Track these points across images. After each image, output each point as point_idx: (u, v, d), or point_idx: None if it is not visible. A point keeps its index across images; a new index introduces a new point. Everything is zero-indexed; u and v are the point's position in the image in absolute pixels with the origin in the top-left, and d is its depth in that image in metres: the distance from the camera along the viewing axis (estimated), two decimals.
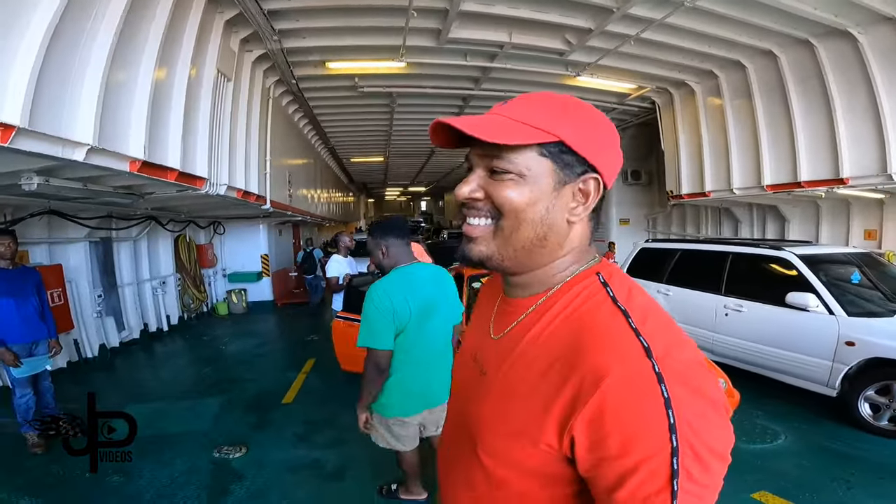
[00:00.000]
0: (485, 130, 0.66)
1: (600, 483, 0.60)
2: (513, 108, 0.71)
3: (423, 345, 2.21)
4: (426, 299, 2.21)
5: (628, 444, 0.57)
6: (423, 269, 2.32)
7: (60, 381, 4.83)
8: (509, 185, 0.69)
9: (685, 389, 0.58)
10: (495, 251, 0.74)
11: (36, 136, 2.39)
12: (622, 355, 0.60)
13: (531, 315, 0.76)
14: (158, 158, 3.63)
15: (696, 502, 0.56)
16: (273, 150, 6.64)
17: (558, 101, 0.72)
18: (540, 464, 0.67)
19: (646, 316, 0.65)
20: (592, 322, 0.67)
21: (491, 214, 0.72)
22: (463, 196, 0.74)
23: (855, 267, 4.24)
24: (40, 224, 4.88)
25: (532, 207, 0.70)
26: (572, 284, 0.74)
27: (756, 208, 8.04)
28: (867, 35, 4.91)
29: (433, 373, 2.24)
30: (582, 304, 0.71)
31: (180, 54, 3.83)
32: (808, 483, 2.87)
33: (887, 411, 3.43)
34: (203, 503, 2.76)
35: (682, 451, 0.55)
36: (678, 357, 0.61)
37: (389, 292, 2.13)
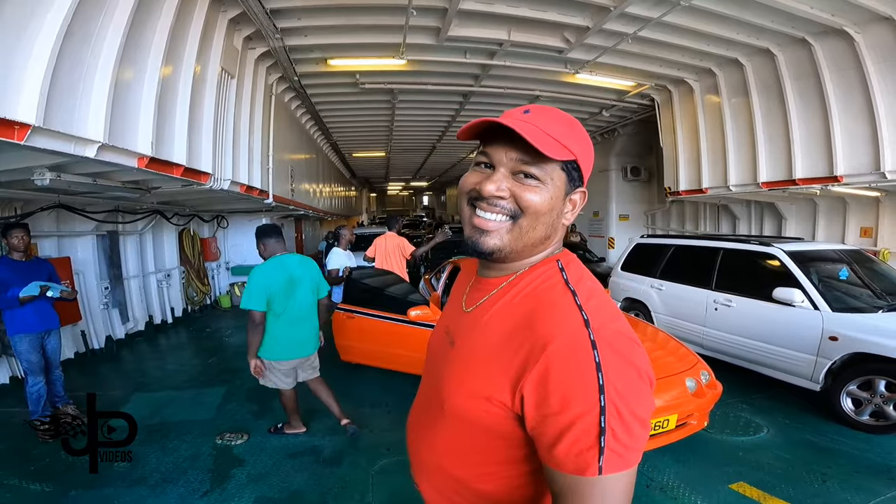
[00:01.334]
0: (538, 141, 0.74)
1: (543, 440, 0.69)
2: (540, 120, 0.78)
3: (290, 310, 3.13)
4: (291, 278, 3.14)
5: (566, 402, 0.66)
6: (292, 257, 3.27)
7: (68, 371, 4.98)
8: (535, 190, 0.79)
9: (614, 356, 0.68)
10: (507, 244, 0.82)
11: (50, 134, 2.49)
12: (566, 325, 0.71)
13: (499, 292, 0.86)
14: (165, 154, 3.74)
15: (619, 461, 0.64)
16: (275, 145, 6.74)
17: (568, 120, 0.82)
18: (495, 422, 0.76)
19: (590, 296, 0.77)
20: (546, 298, 0.78)
21: (511, 213, 0.80)
22: (490, 193, 0.79)
23: (844, 264, 4.30)
24: (49, 218, 4.99)
25: (549, 212, 0.81)
26: (536, 267, 0.85)
27: (754, 206, 8.09)
28: (864, 34, 4.95)
29: (299, 329, 3.20)
30: (541, 283, 0.82)
31: (185, 52, 3.92)
32: (786, 475, 2.95)
33: (868, 406, 3.48)
34: (206, 487, 2.86)
35: (609, 411, 0.64)
36: (611, 328, 0.71)
37: (265, 272, 3.06)
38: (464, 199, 0.85)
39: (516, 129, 0.74)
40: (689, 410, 3.01)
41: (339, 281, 5.00)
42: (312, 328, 3.31)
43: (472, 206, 0.83)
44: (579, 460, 0.65)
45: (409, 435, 1.04)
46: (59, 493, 2.78)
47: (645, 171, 10.87)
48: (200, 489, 2.84)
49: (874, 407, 3.47)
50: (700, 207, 9.33)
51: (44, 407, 3.48)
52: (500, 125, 0.77)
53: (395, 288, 4.82)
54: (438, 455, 0.89)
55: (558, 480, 0.68)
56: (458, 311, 0.95)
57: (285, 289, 3.10)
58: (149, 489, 2.81)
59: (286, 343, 3.16)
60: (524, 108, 0.81)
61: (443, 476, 0.89)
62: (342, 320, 4.62)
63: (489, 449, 0.80)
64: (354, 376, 4.76)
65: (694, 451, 3.22)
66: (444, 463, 0.88)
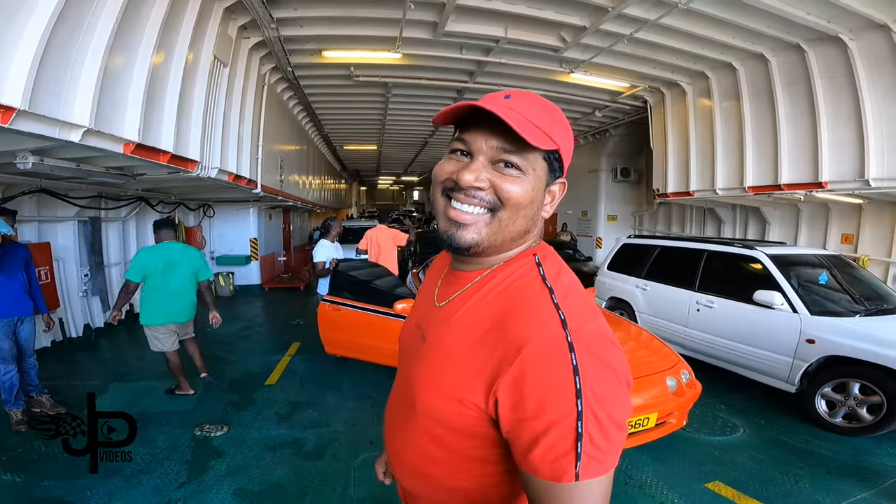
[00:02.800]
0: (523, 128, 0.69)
1: (518, 444, 0.66)
2: (521, 106, 0.73)
3: (166, 285, 3.81)
4: (170, 261, 3.82)
5: (541, 406, 0.63)
6: (175, 245, 3.98)
7: (44, 359, 4.86)
8: (516, 181, 0.74)
9: (592, 358, 0.64)
10: (486, 238, 0.76)
11: (35, 118, 2.44)
12: (542, 326, 0.67)
13: (473, 287, 0.81)
14: (152, 141, 3.68)
15: (596, 466, 0.62)
16: (266, 135, 6.67)
17: (550, 107, 0.77)
18: (468, 424, 0.73)
19: (567, 293, 0.73)
20: (522, 297, 0.74)
21: (490, 205, 0.75)
22: (468, 183, 0.73)
23: (824, 269, 4.39)
24: (30, 202, 4.89)
25: (530, 204, 0.76)
26: (512, 262, 0.80)
27: (739, 210, 8.22)
28: (858, 41, 5.00)
29: (173, 302, 3.87)
30: (517, 279, 0.77)
31: (178, 40, 3.85)
32: (760, 475, 3.01)
33: (842, 408, 3.57)
34: (183, 478, 2.82)
35: (586, 416, 0.61)
36: (589, 328, 0.68)
37: (147, 253, 3.83)
38: (438, 189, 0.79)
39: (501, 115, 0.69)
40: (669, 409, 3.06)
41: (325, 273, 4.97)
42: (185, 302, 3.98)
43: (448, 198, 0.77)
44: (555, 466, 0.62)
45: (385, 429, 1.01)
46: (31, 484, 2.73)
47: (634, 172, 10.97)
48: (177, 480, 2.81)
49: (847, 409, 3.55)
50: (687, 210, 9.45)
51: (16, 396, 3.36)
52: (481, 110, 0.71)
53: (382, 281, 4.82)
54: (413, 452, 0.86)
55: (534, 485, 0.66)
56: (430, 304, 0.90)
57: (163, 268, 3.79)
58: (123, 480, 2.76)
59: (163, 312, 3.85)
60: (505, 93, 0.76)
61: (419, 472, 0.87)
62: (328, 313, 4.60)
63: (462, 448, 0.77)
64: (339, 370, 4.75)
65: (672, 449, 3.28)
66: (418, 460, 0.85)
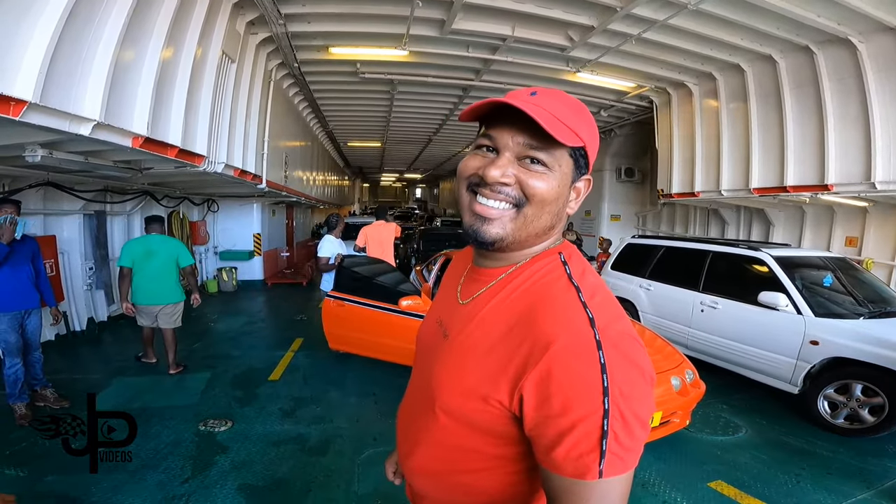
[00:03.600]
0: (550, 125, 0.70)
1: (541, 441, 0.67)
2: (549, 103, 0.73)
3: (146, 270, 4.33)
4: (149, 250, 4.35)
5: (568, 403, 0.63)
6: (156, 237, 4.48)
7: (48, 353, 4.87)
8: (542, 177, 0.74)
9: (619, 357, 0.65)
10: (510, 234, 0.77)
11: (45, 111, 2.44)
12: (570, 324, 0.67)
13: (498, 283, 0.81)
14: (160, 135, 3.69)
15: (620, 464, 0.62)
16: (271, 131, 6.68)
17: (577, 104, 0.77)
18: (490, 421, 0.73)
19: (594, 292, 0.73)
20: (548, 294, 0.74)
21: (515, 201, 0.75)
22: (494, 179, 0.74)
23: (829, 271, 4.39)
24: (36, 195, 4.91)
25: (555, 200, 0.77)
26: (537, 259, 0.80)
27: (743, 211, 8.20)
28: (867, 44, 4.97)
29: (154, 285, 4.37)
30: (542, 277, 0.78)
31: (187, 35, 3.86)
32: (762, 475, 3.03)
33: (844, 410, 3.58)
34: (187, 473, 2.83)
35: (612, 414, 0.61)
36: (616, 328, 0.68)
37: (131, 243, 4.47)
38: (463, 184, 0.79)
39: (528, 111, 0.69)
40: (673, 408, 3.07)
41: (330, 268, 4.97)
42: (162, 286, 4.43)
43: (473, 193, 0.78)
44: (579, 463, 0.62)
45: (398, 428, 1.00)
46: (35, 479, 2.72)
47: (639, 172, 10.93)
48: (181, 476, 2.81)
49: (849, 410, 3.56)
50: (691, 211, 9.43)
51: (21, 389, 3.37)
52: (507, 106, 0.72)
53: (387, 277, 4.83)
54: (429, 451, 0.86)
55: (555, 482, 0.66)
56: (453, 302, 0.90)
57: (143, 256, 4.33)
58: (128, 475, 2.75)
59: (142, 293, 4.37)
60: (531, 90, 0.76)
61: (434, 472, 0.86)
62: (333, 308, 4.61)
63: (482, 447, 0.77)
64: (343, 366, 4.78)
65: (675, 448, 3.30)
66: (434, 459, 0.85)
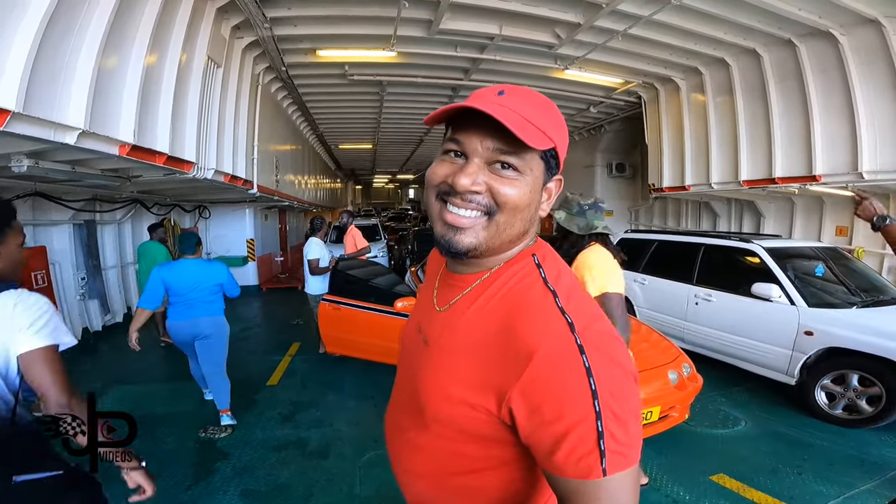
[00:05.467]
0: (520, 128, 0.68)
1: (540, 448, 0.66)
2: (515, 103, 0.71)
3: None
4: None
5: (559, 410, 0.63)
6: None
7: None
8: (513, 183, 0.72)
9: (602, 358, 0.65)
10: (483, 242, 0.75)
11: (29, 121, 2.42)
12: (550, 332, 0.67)
13: (474, 290, 0.80)
14: (147, 143, 3.65)
15: (622, 460, 0.63)
16: (261, 135, 6.65)
17: (546, 104, 0.75)
18: (479, 427, 0.73)
19: (570, 295, 0.73)
20: (525, 301, 0.73)
21: (487, 209, 0.73)
22: (465, 188, 0.71)
23: (820, 261, 4.42)
24: (25, 206, 4.84)
25: (528, 206, 0.75)
26: (511, 264, 0.79)
27: (734, 203, 8.26)
28: (848, 36, 5.04)
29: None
30: (518, 282, 0.77)
31: (171, 41, 3.83)
32: (764, 467, 3.04)
33: (842, 400, 3.60)
34: (190, 480, 2.83)
35: (605, 414, 0.62)
36: (595, 329, 0.68)
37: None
38: (432, 192, 0.77)
39: (497, 116, 0.67)
40: (672, 403, 3.08)
41: (321, 271, 4.86)
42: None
43: (443, 201, 0.75)
44: (581, 465, 0.63)
45: (387, 434, 0.98)
46: None
47: (630, 167, 11.00)
48: (184, 483, 2.81)
49: (847, 401, 3.58)
50: (682, 204, 9.49)
51: None
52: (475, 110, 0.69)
53: (382, 279, 4.81)
54: (423, 456, 0.84)
55: (562, 485, 0.66)
56: (430, 308, 0.89)
57: None
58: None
59: None
60: (498, 89, 0.73)
61: (430, 477, 0.85)
62: (329, 312, 4.59)
63: (476, 451, 0.77)
64: (340, 369, 4.75)
65: (675, 443, 3.31)
66: (429, 464, 0.84)
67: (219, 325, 3.64)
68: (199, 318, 3.49)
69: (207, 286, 3.51)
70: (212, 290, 3.54)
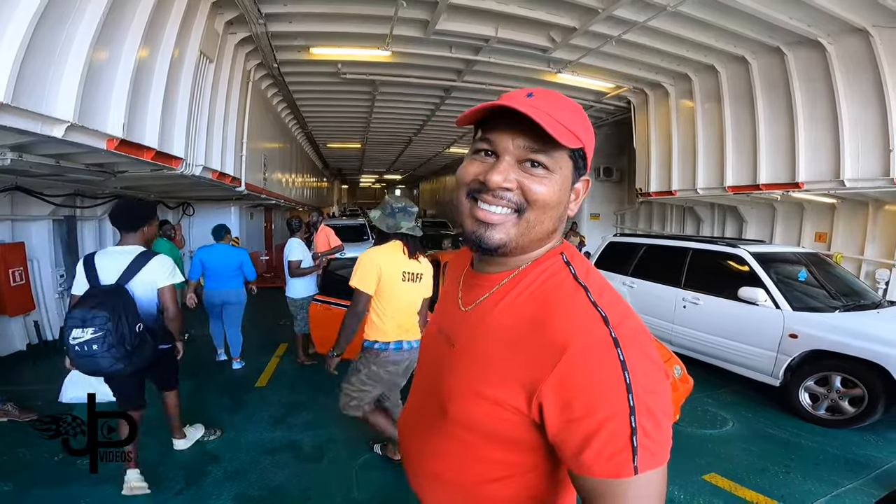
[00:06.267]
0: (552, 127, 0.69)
1: (568, 446, 0.65)
2: (545, 104, 0.72)
3: None
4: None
5: (592, 405, 0.62)
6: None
7: (19, 363, 4.71)
8: (543, 181, 0.73)
9: (637, 352, 0.64)
10: (513, 239, 0.75)
11: (17, 112, 2.33)
12: (584, 325, 0.66)
13: (501, 289, 0.80)
14: (136, 137, 3.56)
15: (653, 458, 0.62)
16: (250, 132, 6.55)
17: (575, 106, 0.76)
18: (507, 428, 0.72)
19: (602, 291, 0.73)
20: (557, 296, 0.73)
21: (517, 206, 0.74)
22: (497, 184, 0.72)
23: (803, 266, 4.55)
24: (4, 201, 4.67)
25: (558, 204, 0.76)
26: (540, 262, 0.79)
27: (717, 208, 8.44)
28: (836, 45, 5.17)
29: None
30: (547, 279, 0.76)
31: (164, 35, 3.75)
32: (753, 466, 3.10)
33: (825, 401, 3.70)
34: (180, 484, 2.76)
35: (639, 410, 0.61)
36: (629, 325, 0.68)
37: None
38: (463, 190, 0.77)
39: (530, 114, 0.68)
40: None
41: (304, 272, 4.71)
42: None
43: (474, 199, 0.76)
44: (612, 463, 0.61)
45: (403, 442, 0.97)
46: (21, 492, 2.64)
47: (617, 171, 11.14)
48: (174, 487, 2.74)
49: (830, 402, 3.68)
50: (667, 209, 9.66)
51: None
52: (505, 109, 0.70)
53: None
54: (445, 463, 0.83)
55: (589, 484, 0.64)
56: (454, 309, 0.88)
57: None
58: (118, 487, 2.65)
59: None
60: (527, 92, 0.74)
61: (452, 484, 0.83)
62: (320, 312, 4.53)
63: (500, 456, 0.76)
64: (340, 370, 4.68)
65: None
66: (451, 471, 0.82)
67: (240, 295, 4.69)
68: (227, 290, 4.58)
69: (232, 265, 4.57)
70: (235, 268, 4.60)
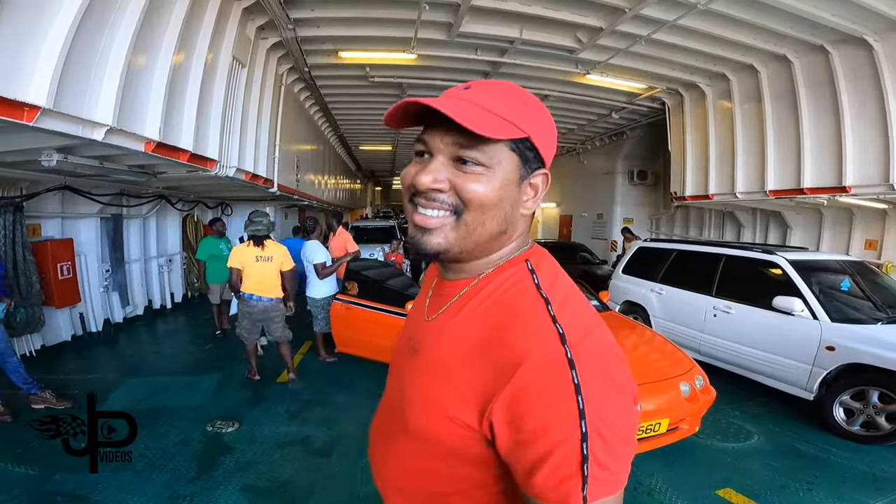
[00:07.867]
0: (468, 118, 0.63)
1: (519, 467, 0.62)
2: (479, 96, 0.68)
3: None
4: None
5: (541, 429, 0.58)
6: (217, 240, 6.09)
7: (63, 354, 5.02)
8: (479, 179, 0.67)
9: (594, 374, 0.60)
10: (453, 244, 0.71)
11: (59, 117, 2.51)
12: (539, 342, 0.62)
13: (462, 297, 0.76)
14: (172, 140, 3.76)
15: (606, 486, 0.58)
16: (283, 135, 6.79)
17: (520, 94, 0.71)
18: (460, 443, 0.68)
19: (564, 303, 0.68)
20: (516, 308, 0.68)
21: (453, 208, 0.69)
22: (425, 186, 0.68)
23: (846, 275, 4.27)
24: (55, 199, 5.04)
25: (500, 203, 0.69)
26: (503, 269, 0.75)
27: (759, 213, 8.04)
28: (883, 43, 4.89)
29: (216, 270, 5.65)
30: (509, 288, 0.72)
31: (198, 41, 3.94)
32: (773, 483, 2.95)
33: (860, 416, 3.48)
34: (193, 473, 2.85)
35: (591, 437, 0.57)
36: (590, 342, 0.63)
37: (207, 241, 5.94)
38: (406, 194, 0.74)
39: (439, 107, 0.63)
40: (682, 415, 3.01)
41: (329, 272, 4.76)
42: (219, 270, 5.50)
43: (413, 203, 0.72)
44: (560, 489, 0.58)
45: (371, 443, 0.96)
46: (44, 477, 2.76)
47: (651, 174, 10.82)
48: (187, 475, 2.84)
49: (866, 417, 3.47)
50: (705, 213, 9.28)
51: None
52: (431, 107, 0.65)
53: (395, 281, 4.83)
54: (402, 471, 0.81)
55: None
56: (421, 317, 0.85)
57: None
58: (135, 474, 2.79)
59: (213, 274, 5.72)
60: (465, 85, 0.71)
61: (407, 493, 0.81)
62: (341, 311, 4.64)
63: (454, 470, 0.72)
64: (350, 369, 4.78)
65: (683, 455, 3.23)
66: (407, 479, 0.81)
67: None
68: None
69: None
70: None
